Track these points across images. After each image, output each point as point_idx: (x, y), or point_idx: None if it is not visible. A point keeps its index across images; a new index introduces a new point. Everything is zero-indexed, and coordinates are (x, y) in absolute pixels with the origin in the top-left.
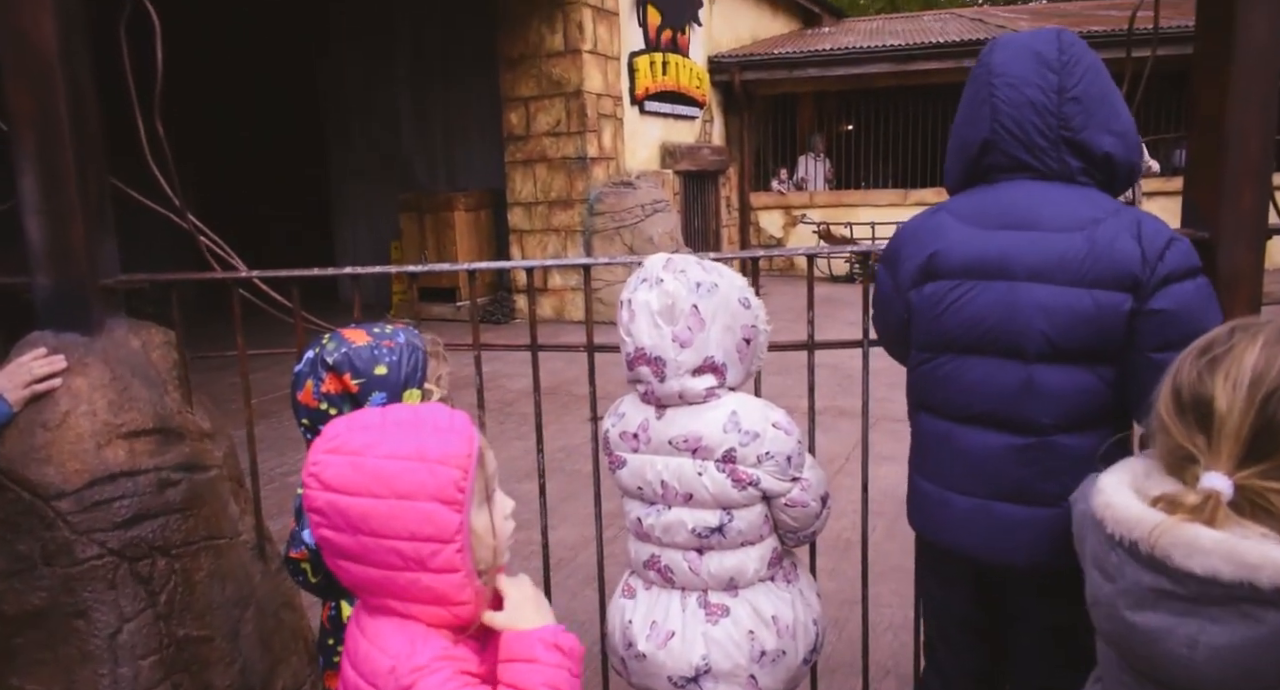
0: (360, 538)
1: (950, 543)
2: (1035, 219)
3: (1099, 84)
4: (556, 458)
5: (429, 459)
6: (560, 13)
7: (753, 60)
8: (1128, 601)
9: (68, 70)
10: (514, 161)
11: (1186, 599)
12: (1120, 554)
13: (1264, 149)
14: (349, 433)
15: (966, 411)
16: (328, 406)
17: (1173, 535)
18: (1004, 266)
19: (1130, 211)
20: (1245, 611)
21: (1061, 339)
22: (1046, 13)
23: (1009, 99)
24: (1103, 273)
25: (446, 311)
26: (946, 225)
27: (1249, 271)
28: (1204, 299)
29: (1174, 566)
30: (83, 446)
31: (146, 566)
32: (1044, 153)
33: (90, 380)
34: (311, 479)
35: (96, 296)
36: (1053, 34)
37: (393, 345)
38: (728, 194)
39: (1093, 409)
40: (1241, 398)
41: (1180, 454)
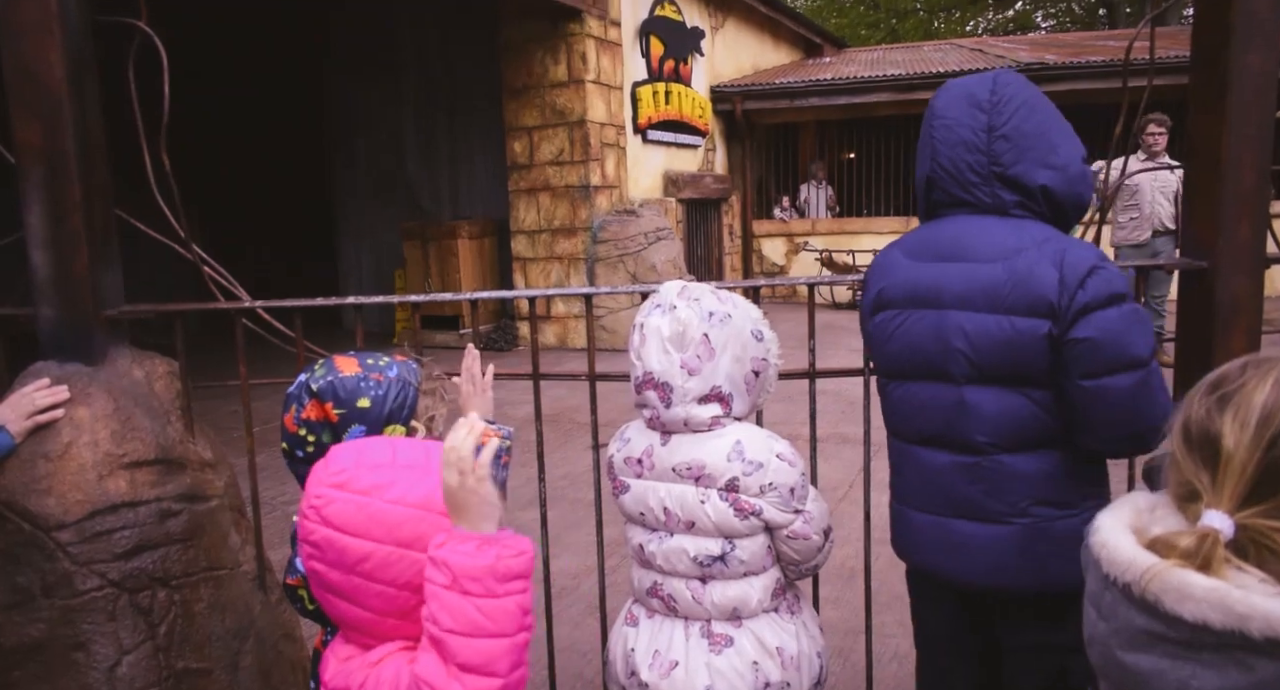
0: (352, 578)
1: (918, 561)
2: (964, 251)
3: (1033, 120)
4: (559, 486)
5: (434, 510)
6: (564, 43)
7: (754, 90)
8: (1120, 641)
9: (75, 104)
10: (518, 190)
11: (1179, 643)
12: (1115, 594)
13: (1260, 180)
14: (357, 469)
15: (918, 433)
16: (306, 432)
17: (1163, 580)
18: (935, 295)
19: (1058, 241)
20: (1238, 659)
21: (984, 362)
22: (1045, 43)
23: (944, 139)
24: (1020, 300)
25: (450, 339)
26: (894, 259)
27: (1247, 301)
28: (1128, 325)
29: (1165, 612)
30: (84, 477)
31: (146, 598)
32: (977, 188)
33: (93, 411)
34: (312, 512)
35: (100, 327)
36: (989, 77)
37: (381, 379)
38: (730, 222)
39: (1030, 430)
40: (1249, 436)
41: (1186, 489)
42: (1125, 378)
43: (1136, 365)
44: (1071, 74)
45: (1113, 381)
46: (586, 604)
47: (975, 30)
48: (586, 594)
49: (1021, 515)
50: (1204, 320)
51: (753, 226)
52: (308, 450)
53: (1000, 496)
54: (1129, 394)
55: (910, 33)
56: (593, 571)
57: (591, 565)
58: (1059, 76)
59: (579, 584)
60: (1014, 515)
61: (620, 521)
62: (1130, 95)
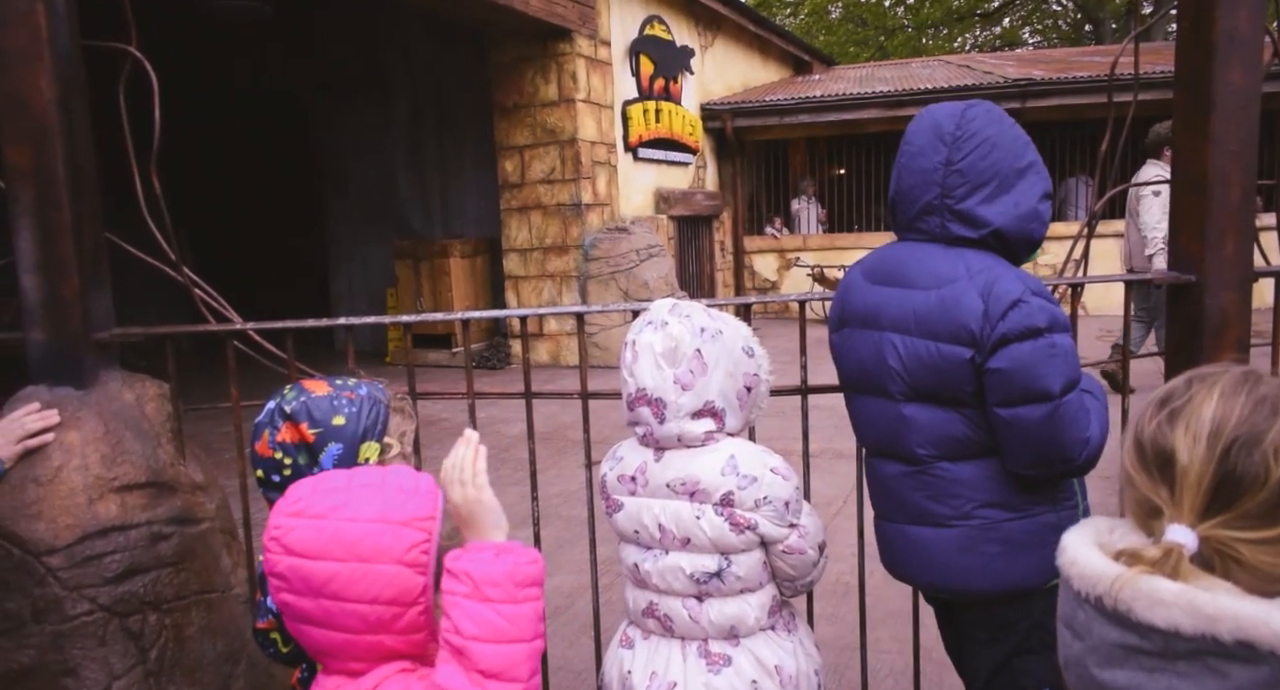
0: (321, 602)
1: (890, 568)
2: (905, 277)
3: (990, 158)
4: (553, 503)
5: (392, 521)
6: (554, 63)
7: (744, 107)
8: (1096, 659)
9: (65, 129)
10: (509, 208)
11: (1154, 654)
12: (1088, 611)
13: (1245, 196)
14: (313, 496)
15: (873, 445)
16: (282, 455)
17: (1134, 587)
18: (876, 317)
19: (991, 272)
20: (1212, 666)
21: (915, 382)
22: (1032, 59)
23: (907, 166)
24: (946, 327)
25: (442, 358)
26: (855, 279)
27: (1235, 314)
28: (1042, 360)
29: (1137, 620)
30: (75, 501)
31: (137, 622)
32: (929, 216)
33: (83, 434)
34: (273, 543)
35: (90, 350)
36: (960, 108)
37: (353, 397)
38: (722, 238)
39: (965, 442)
40: (1202, 449)
41: (1147, 506)
42: (1036, 409)
43: (1044, 398)
44: (1058, 89)
45: (1025, 412)
46: (581, 623)
47: (963, 47)
48: (581, 613)
49: (967, 518)
50: (1193, 334)
51: (744, 243)
52: (284, 474)
53: (945, 502)
54: (1039, 424)
55: (898, 50)
56: (587, 590)
57: (585, 584)
58: (1046, 92)
59: (573, 603)
60: (960, 518)
61: (614, 539)
62: (1116, 110)
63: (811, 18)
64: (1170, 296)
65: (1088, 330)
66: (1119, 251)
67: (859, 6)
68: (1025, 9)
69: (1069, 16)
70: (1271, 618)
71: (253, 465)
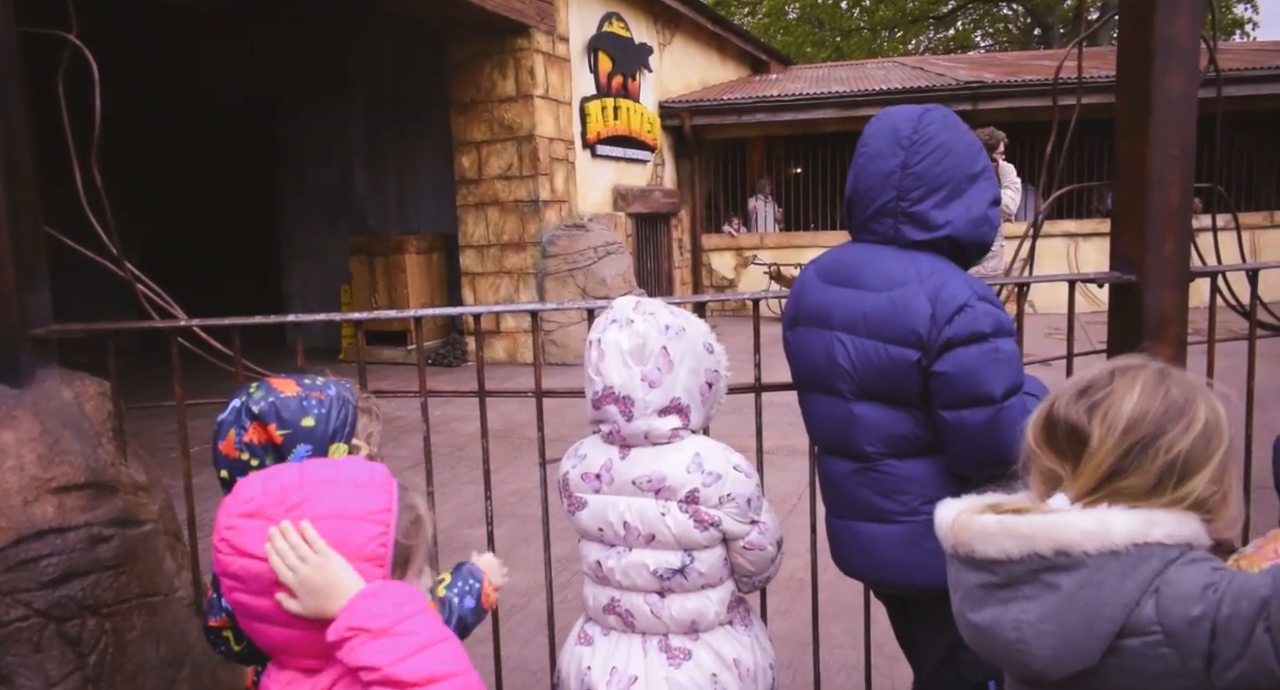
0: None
1: (840, 565)
2: (858, 278)
3: (945, 163)
4: (508, 502)
5: (349, 516)
6: (512, 59)
7: (703, 105)
8: (968, 605)
9: (1, 119)
10: (466, 204)
11: (1001, 585)
12: (955, 564)
13: (1183, 198)
14: (265, 496)
15: (824, 442)
16: (249, 457)
17: (968, 528)
18: (827, 318)
19: (940, 276)
20: (1045, 581)
21: (864, 382)
22: (983, 62)
23: (864, 167)
24: (894, 330)
25: (397, 355)
26: (809, 278)
27: (1173, 313)
28: (985, 365)
29: (980, 557)
30: (9, 503)
31: (75, 627)
32: (883, 218)
33: (19, 434)
34: (223, 544)
35: (27, 347)
36: (917, 112)
37: (323, 398)
38: (680, 236)
39: (913, 441)
40: (1113, 440)
41: (1049, 477)
42: (978, 413)
43: (987, 402)
44: (1008, 92)
45: (968, 415)
46: (536, 621)
47: (918, 49)
48: (536, 611)
49: (913, 514)
50: (1133, 332)
51: (702, 240)
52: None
53: (892, 498)
54: (981, 428)
55: (854, 51)
56: (542, 589)
57: (540, 582)
58: (996, 95)
59: (528, 602)
60: (906, 514)
61: (570, 538)
62: (1060, 113)
63: (769, 18)
64: (1112, 295)
65: (1036, 328)
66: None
67: (816, 7)
68: (977, 13)
69: (1019, 20)
70: (1072, 521)
71: (216, 465)
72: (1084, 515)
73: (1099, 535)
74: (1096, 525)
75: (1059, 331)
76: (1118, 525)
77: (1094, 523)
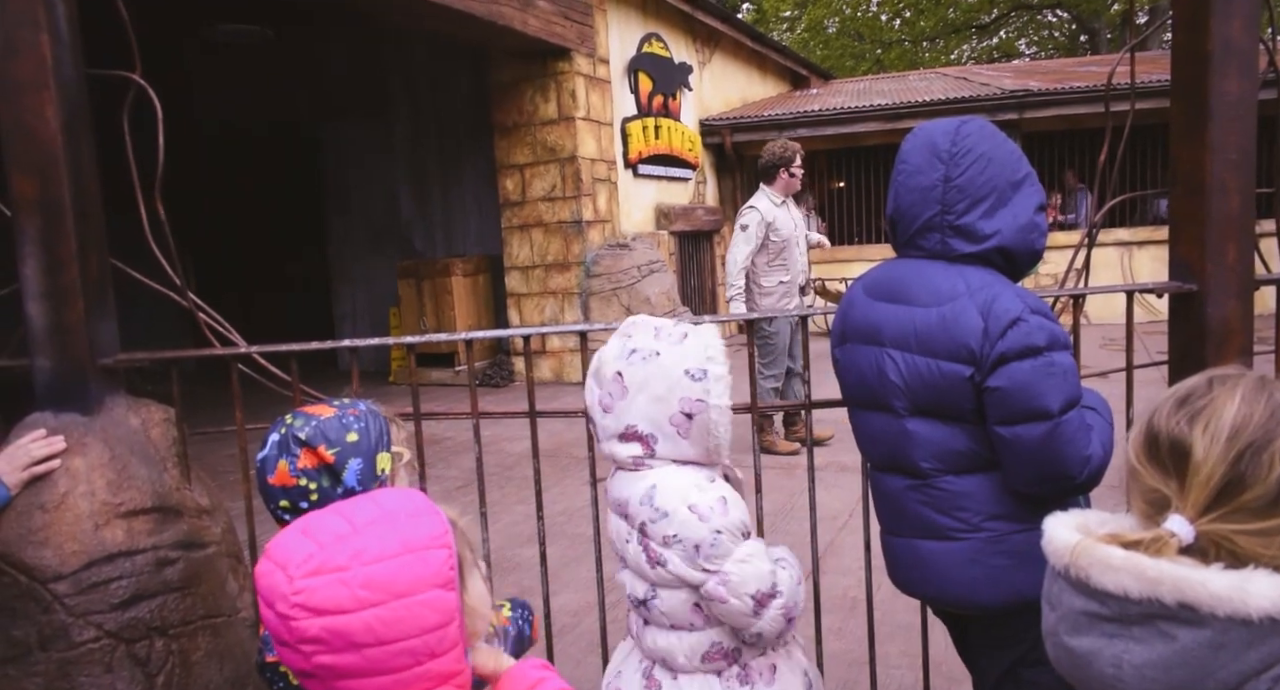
0: (366, 652)
1: (899, 583)
2: (907, 294)
3: (988, 173)
4: (558, 521)
5: (416, 549)
6: (553, 82)
7: (743, 122)
8: (1066, 627)
9: (71, 157)
10: (510, 226)
11: (1111, 619)
12: (1061, 584)
13: (1244, 203)
14: (323, 550)
15: (878, 459)
16: (306, 482)
17: (1090, 555)
18: (877, 334)
19: (991, 289)
20: (1162, 629)
21: (916, 398)
22: (1028, 70)
23: (905, 184)
24: (946, 345)
25: (445, 376)
26: (856, 294)
27: (1238, 322)
28: (1040, 379)
29: (1095, 587)
30: (80, 527)
31: (144, 648)
32: (929, 233)
33: (89, 460)
34: (298, 609)
35: (96, 376)
36: (954, 125)
37: (357, 413)
38: (723, 253)
39: (967, 456)
40: (1219, 449)
41: (1154, 497)
42: (1035, 428)
43: (1044, 417)
44: (1056, 100)
45: (1024, 430)
46: (588, 642)
47: (960, 59)
48: (588, 631)
49: (975, 531)
50: (1196, 343)
51: None
52: (311, 499)
53: (951, 514)
54: (1038, 443)
55: (895, 63)
56: (593, 608)
57: (592, 602)
58: (1043, 103)
59: (579, 621)
60: (968, 531)
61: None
62: (1114, 120)
63: (808, 32)
64: (1172, 306)
65: (1091, 339)
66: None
67: (855, 21)
68: (1020, 21)
69: (1064, 28)
70: (1208, 580)
71: (272, 498)
72: (1222, 576)
73: (1233, 601)
74: (1232, 591)
75: (1114, 343)
76: (1258, 594)
77: (1230, 588)
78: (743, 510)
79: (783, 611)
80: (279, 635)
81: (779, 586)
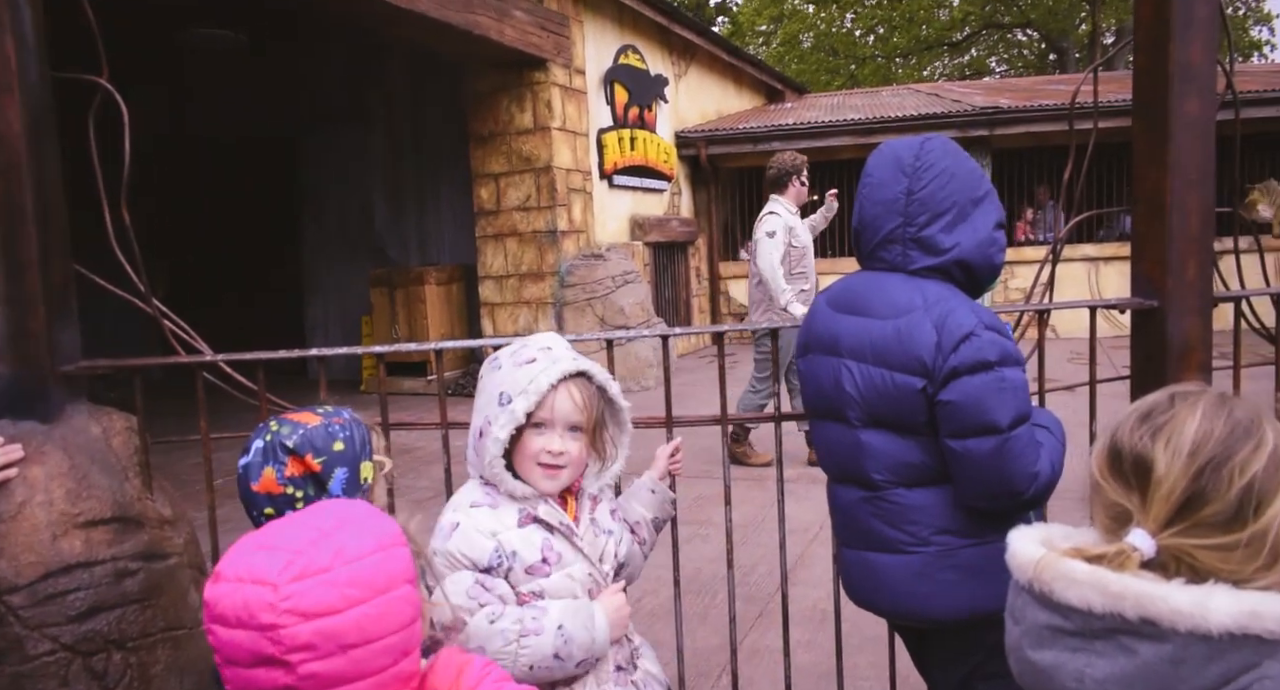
0: (352, 653)
1: (852, 596)
2: (865, 306)
3: (949, 188)
4: None
5: (387, 546)
6: (529, 92)
7: (718, 135)
8: (1030, 641)
9: (34, 161)
10: (485, 235)
11: (1074, 634)
12: (1024, 598)
13: (1204, 222)
14: (303, 556)
15: (834, 470)
16: (294, 490)
17: (1054, 569)
18: (835, 345)
19: (947, 303)
20: (1124, 644)
21: (871, 409)
22: (999, 87)
23: (869, 197)
24: (900, 357)
25: (418, 386)
26: (819, 306)
27: (1198, 338)
28: (991, 394)
29: (1058, 600)
30: (38, 538)
31: (101, 661)
32: (891, 245)
33: (48, 469)
34: (288, 616)
35: (56, 383)
36: (918, 141)
37: (342, 422)
38: (697, 264)
39: (921, 469)
40: (1180, 464)
41: (1115, 511)
42: (984, 442)
43: (993, 431)
44: (1025, 117)
45: (975, 444)
46: None
47: (932, 75)
48: None
49: (924, 544)
50: (1157, 358)
51: (719, 268)
52: (297, 507)
53: (901, 528)
54: (987, 457)
55: (869, 78)
56: None
57: None
58: (1013, 120)
59: None
60: (917, 544)
61: None
62: (1078, 138)
63: (784, 47)
64: (1134, 322)
65: (1058, 353)
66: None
67: (830, 36)
68: (992, 39)
69: (1034, 46)
70: (1170, 596)
71: (256, 506)
72: (1183, 592)
73: (1193, 617)
74: (1193, 607)
75: (1080, 357)
76: (1218, 610)
77: (1191, 603)
78: (474, 545)
79: None
80: (259, 652)
81: (468, 626)
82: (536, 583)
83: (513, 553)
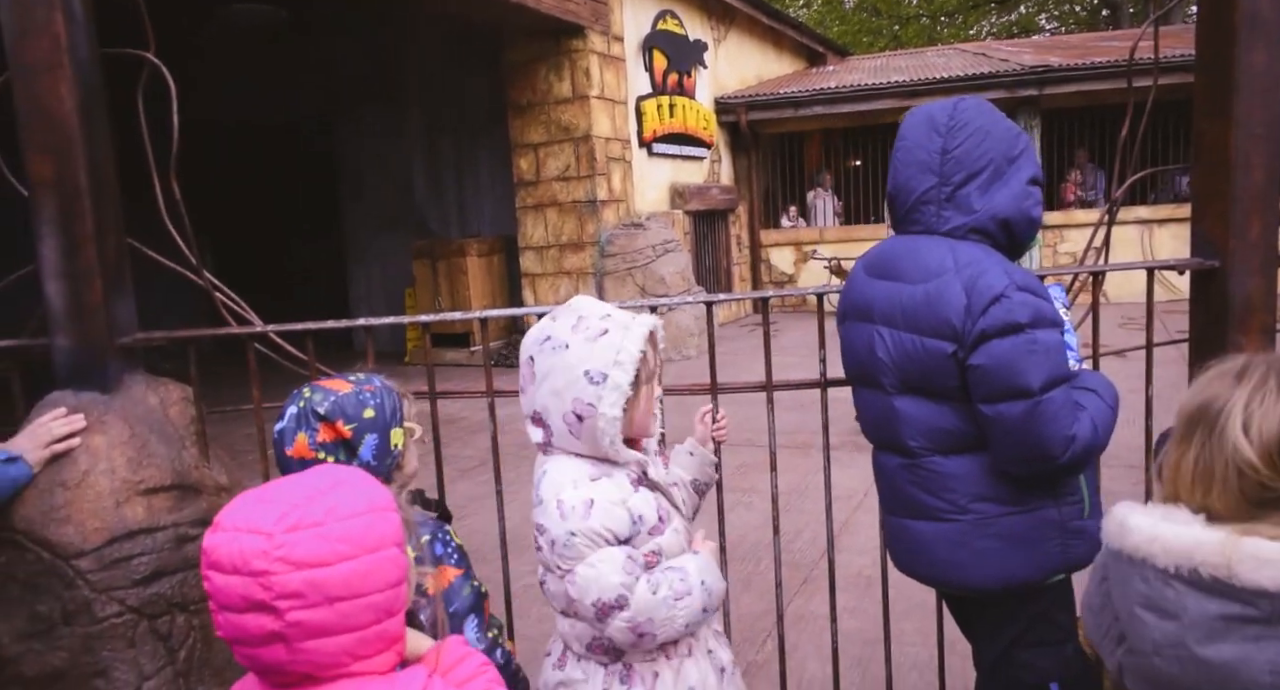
0: (338, 606)
1: (893, 558)
2: (898, 270)
3: (984, 147)
4: None
5: (378, 507)
6: (567, 60)
7: (759, 100)
8: (1197, 636)
9: (87, 138)
10: (525, 206)
11: (1260, 622)
12: (1179, 586)
13: (1269, 178)
14: (298, 510)
15: (873, 437)
16: (325, 455)
17: (1239, 550)
18: (869, 311)
19: (979, 265)
20: None
21: (904, 375)
22: (1049, 45)
23: (903, 160)
24: (930, 321)
25: (461, 356)
26: (856, 273)
27: (1260, 299)
28: (1021, 356)
29: (1241, 586)
30: (102, 504)
31: (165, 623)
32: (924, 207)
33: (109, 438)
34: (279, 564)
35: (114, 355)
36: (951, 102)
37: (373, 389)
38: (738, 232)
39: (956, 435)
40: None
41: (1260, 497)
42: (1015, 406)
43: (1024, 395)
44: (1077, 76)
45: (1005, 408)
46: None
47: (979, 34)
48: None
49: (962, 512)
50: (1217, 320)
51: (760, 236)
52: None
53: (939, 495)
54: (1019, 421)
55: (913, 39)
56: None
57: None
58: (1065, 79)
59: None
60: (955, 512)
61: None
62: (1136, 95)
63: (825, 8)
64: (1194, 282)
65: (1110, 318)
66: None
67: None
68: None
69: (1086, 2)
70: None
71: (290, 470)
72: None
73: None
74: None
75: (1132, 321)
76: None
77: None
78: (614, 517)
79: (629, 626)
80: (250, 597)
81: (629, 600)
82: (655, 541)
83: (639, 517)
